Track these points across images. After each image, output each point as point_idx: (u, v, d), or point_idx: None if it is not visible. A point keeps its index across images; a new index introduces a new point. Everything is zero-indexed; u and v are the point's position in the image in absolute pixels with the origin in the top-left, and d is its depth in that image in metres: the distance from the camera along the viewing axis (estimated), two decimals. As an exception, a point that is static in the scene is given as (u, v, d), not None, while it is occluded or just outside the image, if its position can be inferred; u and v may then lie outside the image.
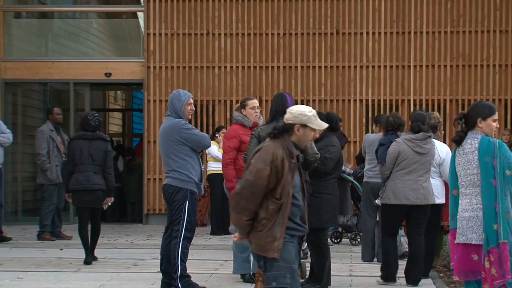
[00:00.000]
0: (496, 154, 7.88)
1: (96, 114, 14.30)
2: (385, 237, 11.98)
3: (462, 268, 8.03)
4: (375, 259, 13.64)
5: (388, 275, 11.71)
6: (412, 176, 11.48)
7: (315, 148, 10.90)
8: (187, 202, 10.97)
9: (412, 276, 11.68)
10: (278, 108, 10.92)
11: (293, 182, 7.16)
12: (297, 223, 7.23)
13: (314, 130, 7.39)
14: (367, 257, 13.85)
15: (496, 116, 8.10)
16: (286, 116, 7.42)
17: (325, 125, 7.54)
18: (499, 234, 7.82)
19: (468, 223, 7.96)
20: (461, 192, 8.09)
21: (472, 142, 7.98)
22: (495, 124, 8.08)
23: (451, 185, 8.26)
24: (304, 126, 7.29)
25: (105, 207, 14.10)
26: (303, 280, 11.39)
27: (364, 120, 19.45)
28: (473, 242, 7.88)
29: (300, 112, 7.36)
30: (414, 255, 11.72)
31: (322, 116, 11.92)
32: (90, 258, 13.69)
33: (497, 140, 7.97)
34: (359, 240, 15.51)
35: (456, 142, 8.10)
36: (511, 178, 7.89)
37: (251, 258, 11.43)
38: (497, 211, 7.83)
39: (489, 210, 7.87)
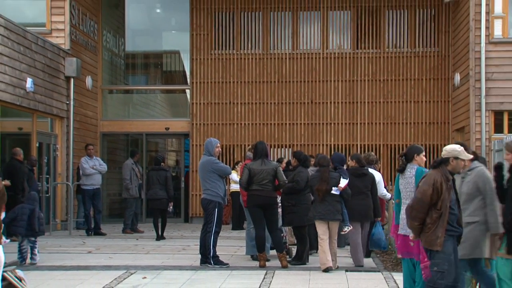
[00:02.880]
0: None
1: (160, 155, 16.76)
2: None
3: (402, 250, 8.01)
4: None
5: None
6: None
7: (284, 177, 11.06)
8: (216, 209, 11.00)
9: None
10: (262, 151, 11.03)
11: (450, 197, 6.93)
12: (454, 226, 6.96)
13: (463, 160, 7.12)
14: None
15: (424, 153, 8.15)
16: (443, 153, 7.14)
17: (470, 156, 7.25)
18: None
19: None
20: (402, 202, 8.00)
21: (410, 171, 7.96)
22: (424, 158, 8.14)
23: (395, 196, 8.28)
24: (456, 158, 7.05)
25: (170, 209, 16.01)
26: (290, 259, 11.38)
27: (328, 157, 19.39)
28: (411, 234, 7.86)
29: (452, 149, 7.12)
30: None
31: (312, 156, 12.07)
32: (159, 238, 15.10)
33: (428, 170, 7.94)
34: None
35: (400, 171, 8.12)
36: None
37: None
38: None
39: None
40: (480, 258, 7.50)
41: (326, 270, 10.42)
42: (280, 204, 11.45)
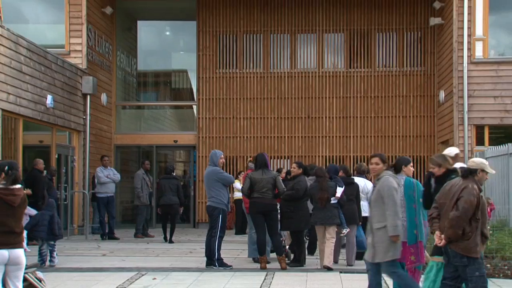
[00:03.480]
0: (415, 189, 7.79)
1: (171, 164, 16.79)
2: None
3: (416, 258, 7.93)
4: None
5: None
6: None
7: (283, 185, 11.09)
8: (220, 215, 10.98)
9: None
10: (262, 162, 11.07)
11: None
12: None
13: (487, 173, 6.96)
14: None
15: (411, 164, 8.11)
16: (470, 164, 6.97)
17: (493, 171, 7.14)
18: (417, 236, 7.72)
19: (407, 231, 7.79)
20: None
21: (400, 180, 7.83)
22: (412, 168, 8.08)
23: None
24: (483, 170, 6.88)
25: (180, 212, 15.99)
26: (289, 261, 11.35)
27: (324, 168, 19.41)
28: (402, 240, 7.83)
29: (480, 161, 6.97)
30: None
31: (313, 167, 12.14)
32: (166, 241, 15.31)
33: (415, 180, 7.94)
34: None
35: None
36: (422, 203, 7.79)
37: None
38: (416, 223, 7.72)
39: (411, 222, 7.74)
40: (394, 259, 7.41)
41: (325, 267, 10.80)
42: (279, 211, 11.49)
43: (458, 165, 8.47)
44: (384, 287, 9.29)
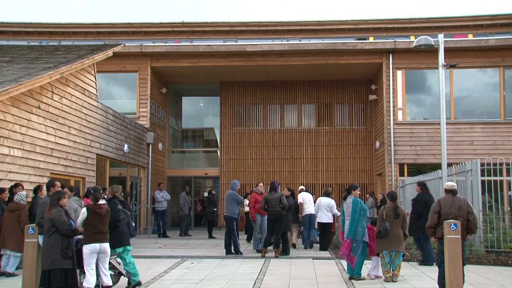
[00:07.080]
0: (358, 205, 7.83)
1: (209, 192, 16.59)
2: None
3: (346, 249, 8.00)
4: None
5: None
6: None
7: (285, 201, 10.93)
8: (235, 222, 11.05)
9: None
10: (272, 187, 10.99)
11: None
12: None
13: None
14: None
15: (358, 189, 8.18)
16: (453, 186, 6.63)
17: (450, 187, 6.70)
18: (350, 235, 7.80)
19: (347, 231, 7.91)
20: (345, 219, 7.99)
21: (350, 199, 7.95)
22: (359, 192, 8.11)
23: (342, 214, 8.25)
24: None
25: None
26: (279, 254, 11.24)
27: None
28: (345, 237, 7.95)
29: (453, 183, 6.95)
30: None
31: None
32: (208, 237, 15.20)
33: (359, 199, 7.96)
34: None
35: (344, 199, 8.15)
36: (364, 215, 7.81)
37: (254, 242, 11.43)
38: (352, 226, 7.78)
39: (351, 225, 7.79)
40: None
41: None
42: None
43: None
44: (341, 269, 9.37)
